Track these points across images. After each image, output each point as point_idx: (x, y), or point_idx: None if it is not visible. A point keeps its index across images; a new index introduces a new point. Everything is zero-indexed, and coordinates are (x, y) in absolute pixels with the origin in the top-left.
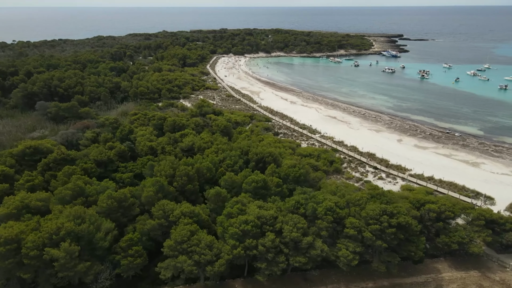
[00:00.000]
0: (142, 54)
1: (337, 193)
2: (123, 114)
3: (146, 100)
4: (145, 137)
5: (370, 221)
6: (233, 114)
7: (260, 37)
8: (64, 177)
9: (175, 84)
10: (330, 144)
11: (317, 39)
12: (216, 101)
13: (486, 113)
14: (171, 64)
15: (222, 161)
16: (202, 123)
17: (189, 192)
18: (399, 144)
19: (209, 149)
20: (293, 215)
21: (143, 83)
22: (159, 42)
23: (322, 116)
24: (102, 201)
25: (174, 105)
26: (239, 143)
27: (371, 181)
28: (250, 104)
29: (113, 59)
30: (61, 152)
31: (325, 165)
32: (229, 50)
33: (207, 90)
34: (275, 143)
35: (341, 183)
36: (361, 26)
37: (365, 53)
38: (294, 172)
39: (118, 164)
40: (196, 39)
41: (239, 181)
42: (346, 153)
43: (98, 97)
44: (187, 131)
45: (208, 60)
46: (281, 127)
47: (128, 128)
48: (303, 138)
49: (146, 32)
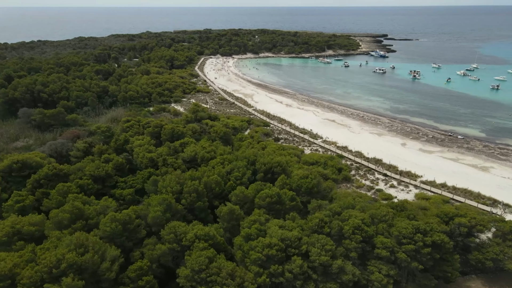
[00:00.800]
0: (127, 56)
1: (356, 205)
2: (113, 121)
3: (136, 104)
4: (144, 148)
5: (404, 240)
6: (229, 119)
7: (247, 37)
8: (58, 195)
9: (165, 88)
10: (334, 150)
11: (305, 39)
12: (210, 105)
13: (483, 114)
14: (159, 66)
15: (230, 173)
16: (199, 129)
17: (198, 209)
18: (404, 149)
19: (213, 159)
20: (319, 236)
21: (132, 87)
22: (144, 43)
23: (320, 119)
24: (105, 224)
25: (166, 110)
26: (244, 152)
27: (383, 190)
28: (245, 108)
29: (98, 61)
30: (53, 167)
31: (334, 173)
32: (216, 51)
33: (198, 93)
34: (279, 151)
35: (352, 192)
36: (345, 26)
37: (353, 53)
38: (306, 183)
39: (116, 178)
40: (182, 40)
41: (251, 195)
42: (353, 160)
43: (85, 102)
44: (187, 139)
45: (196, 62)
46: (281, 132)
47: (123, 137)
48: (305, 143)
49: (129, 33)
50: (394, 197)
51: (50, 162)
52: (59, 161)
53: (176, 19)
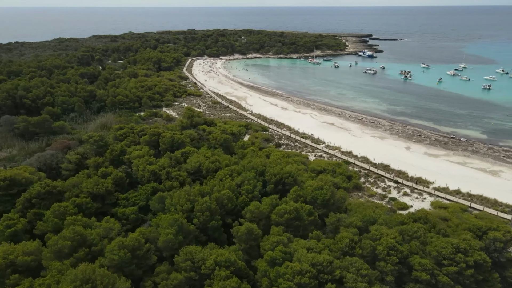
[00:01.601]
0: (112, 58)
1: (377, 219)
2: (103, 127)
3: (126, 110)
4: (144, 160)
5: (444, 262)
6: (226, 124)
7: (233, 38)
8: (54, 217)
9: (155, 91)
10: (339, 156)
11: (292, 39)
12: (203, 109)
13: (480, 115)
14: (146, 68)
15: (239, 185)
16: (196, 136)
17: (212, 229)
18: (409, 153)
19: (219, 170)
20: (352, 258)
21: (121, 91)
22: (128, 45)
23: (319, 123)
24: (112, 252)
25: (158, 115)
26: (250, 161)
27: (397, 198)
28: (241, 112)
29: (81, 64)
30: (45, 184)
31: (344, 181)
32: (203, 52)
33: (190, 97)
34: (285, 158)
35: (365, 202)
36: (329, 26)
37: (341, 53)
38: (322, 195)
39: (117, 195)
40: (167, 41)
41: (267, 211)
42: (360, 166)
43: (71, 108)
44: (188, 149)
45: (184, 63)
46: (281, 137)
47: (119, 148)
48: (307, 149)
49: (111, 34)
50: (409, 206)
51: (41, 177)
52: (49, 175)
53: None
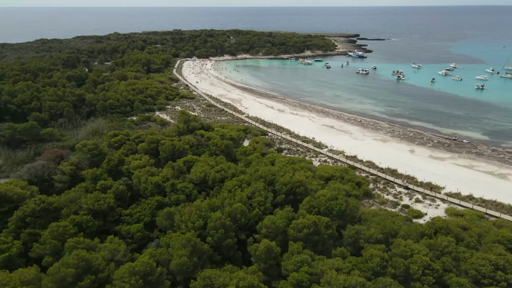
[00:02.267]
0: (98, 59)
1: (399, 231)
2: (94, 133)
3: (117, 114)
4: (145, 170)
5: (484, 281)
6: (224, 129)
7: (222, 38)
8: (52, 239)
9: (147, 94)
10: (344, 161)
11: (281, 40)
12: (197, 112)
13: (478, 116)
14: (135, 70)
15: (250, 197)
16: (195, 142)
17: (226, 248)
18: (414, 156)
19: (226, 180)
20: (385, 279)
21: (111, 94)
22: (115, 46)
23: (318, 125)
24: (122, 279)
25: (151, 119)
26: (257, 169)
27: (409, 206)
28: (237, 115)
29: (66, 66)
30: (40, 200)
31: (354, 188)
32: (192, 53)
33: (183, 100)
34: (290, 165)
35: (377, 210)
36: (316, 26)
37: (331, 53)
38: (338, 205)
39: (120, 211)
40: (154, 42)
41: (283, 225)
42: (367, 171)
43: (60, 113)
44: (190, 157)
45: (173, 65)
46: (282, 142)
47: (117, 157)
48: (310, 153)
49: (96, 34)
50: (424, 214)
51: (33, 192)
52: (41, 188)
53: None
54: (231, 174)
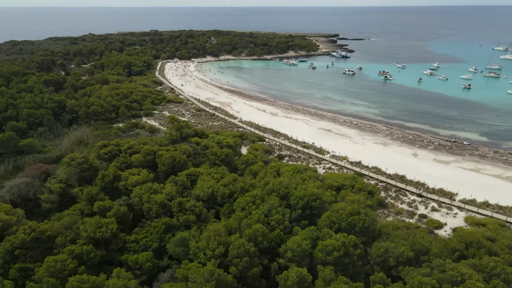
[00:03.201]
0: (75, 62)
1: (431, 248)
2: (79, 143)
3: (102, 121)
4: (146, 187)
5: None
6: (219, 135)
7: (202, 39)
8: (49, 276)
9: (132, 99)
10: (349, 167)
11: (263, 40)
12: (187, 117)
13: (472, 116)
14: (116, 73)
15: (267, 214)
16: (191, 151)
17: (251, 278)
18: (418, 160)
19: (241, 197)
20: None
21: (94, 100)
22: (91, 47)
23: (315, 129)
24: None
25: (139, 126)
26: (267, 182)
27: (427, 215)
28: (230, 120)
29: (41, 70)
30: (30, 229)
31: (367, 198)
32: (173, 55)
33: (170, 104)
34: (297, 174)
35: (395, 221)
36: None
37: (314, 54)
38: (361, 221)
39: (124, 237)
40: (133, 43)
41: (308, 247)
42: (375, 178)
43: (39, 121)
44: (193, 170)
45: (155, 67)
46: (281, 148)
47: (112, 173)
48: (313, 160)
49: (70, 36)
50: (443, 224)
51: (20, 216)
52: (26, 210)
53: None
54: (240, 188)
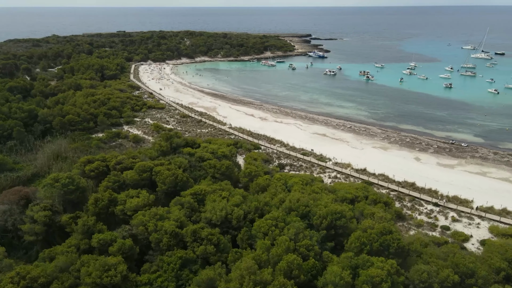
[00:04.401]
0: (40, 66)
1: (477, 270)
2: (55, 158)
3: (79, 131)
4: (150, 213)
5: None
6: (212, 144)
7: (175, 40)
8: None
9: (111, 106)
10: (356, 175)
11: (239, 41)
12: (172, 124)
13: (461, 116)
14: (89, 77)
15: (293, 239)
16: (187, 164)
17: None
18: (422, 164)
19: (259, 220)
20: None
21: (69, 108)
22: (57, 50)
23: (309, 134)
24: None
25: (121, 136)
26: (281, 199)
27: (449, 227)
28: (218, 126)
29: (3, 75)
30: (19, 276)
31: (385, 210)
32: (146, 57)
33: (151, 110)
34: (307, 187)
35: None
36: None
37: (291, 54)
38: (395, 241)
39: (134, 280)
40: (102, 45)
41: (349, 278)
42: (385, 186)
43: (7, 134)
44: (198, 188)
45: (128, 70)
46: (280, 156)
47: (107, 196)
48: (315, 168)
49: (32, 37)
50: (469, 236)
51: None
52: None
53: (80, 21)
54: (254, 208)
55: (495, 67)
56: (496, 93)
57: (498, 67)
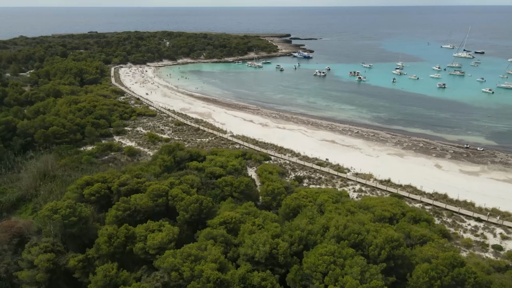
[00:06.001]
0: (11, 70)
1: None
2: (42, 178)
3: (66, 145)
4: (182, 254)
5: None
6: (218, 156)
7: (154, 41)
8: None
9: (98, 115)
10: (383, 188)
11: (221, 41)
12: (168, 134)
13: (465, 117)
14: (68, 82)
15: (359, 279)
16: (199, 183)
17: None
18: (445, 172)
19: (310, 255)
20: None
21: (52, 118)
22: (29, 52)
23: (317, 141)
24: None
25: (113, 148)
26: (324, 226)
27: (501, 246)
28: (219, 134)
29: None
30: None
31: (430, 230)
32: (126, 59)
33: (141, 118)
34: (338, 204)
35: (473, 258)
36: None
37: (275, 55)
38: (471, 275)
39: None
40: (76, 47)
41: None
42: (418, 200)
43: None
44: (228, 215)
45: (109, 73)
46: (294, 167)
47: (123, 232)
48: (336, 181)
49: None
50: None
51: None
52: None
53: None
54: (298, 239)
55: (479, 66)
56: (491, 93)
57: (482, 66)
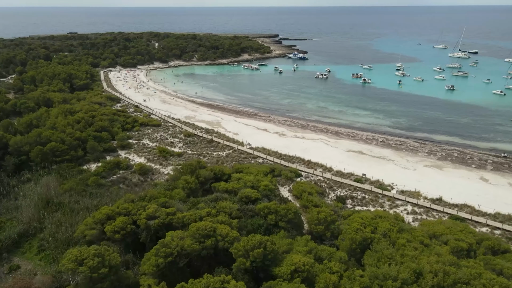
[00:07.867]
0: None
1: None
2: (44, 205)
3: (67, 163)
4: None
5: None
6: (246, 174)
7: (142, 42)
8: None
9: (99, 127)
10: (439, 209)
11: (213, 43)
12: (179, 147)
13: (486, 122)
14: (57, 89)
15: None
16: (238, 212)
17: None
18: (493, 187)
19: None
20: None
21: (48, 133)
22: (8, 56)
23: (343, 152)
24: None
25: (121, 166)
26: (413, 269)
27: None
28: (236, 147)
29: None
30: None
31: None
32: (115, 62)
33: (145, 129)
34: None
35: None
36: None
37: (270, 56)
38: None
39: None
40: (59, 49)
41: None
42: (483, 223)
43: None
44: (297, 260)
45: (99, 78)
46: (331, 185)
47: None
48: (382, 200)
49: None
50: None
51: None
52: None
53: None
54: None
55: (479, 67)
56: (502, 95)
57: (481, 66)
